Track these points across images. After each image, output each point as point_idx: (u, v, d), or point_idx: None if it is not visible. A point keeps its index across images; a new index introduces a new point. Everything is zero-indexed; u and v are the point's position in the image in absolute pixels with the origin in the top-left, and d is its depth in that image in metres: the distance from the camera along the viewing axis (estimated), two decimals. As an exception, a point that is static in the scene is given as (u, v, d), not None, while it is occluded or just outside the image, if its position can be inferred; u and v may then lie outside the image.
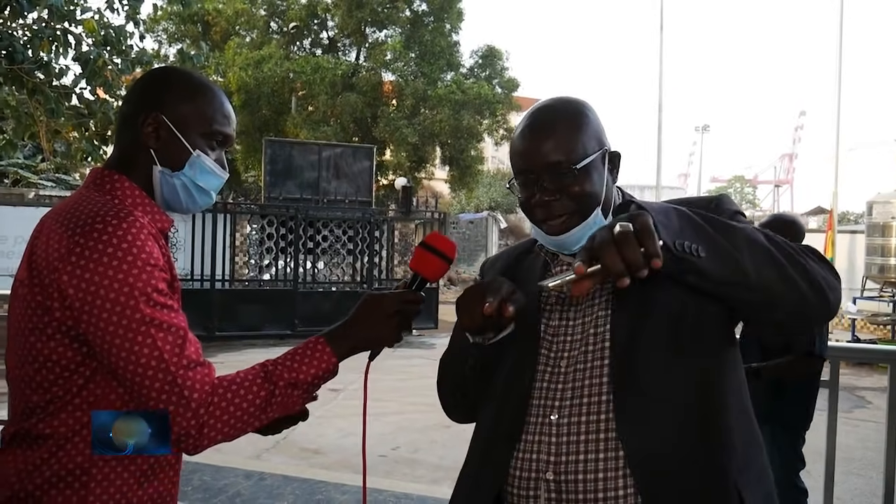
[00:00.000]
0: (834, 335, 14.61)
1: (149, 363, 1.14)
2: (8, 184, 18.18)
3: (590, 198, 1.30)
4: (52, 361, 1.19)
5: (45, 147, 8.21)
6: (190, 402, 1.14)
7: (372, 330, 1.34)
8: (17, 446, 1.22)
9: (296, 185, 14.73)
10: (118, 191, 1.29)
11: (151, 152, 1.32)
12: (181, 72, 1.46)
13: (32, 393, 1.21)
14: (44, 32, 5.43)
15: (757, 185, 60.47)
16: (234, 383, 1.21)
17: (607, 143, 1.35)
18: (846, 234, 16.69)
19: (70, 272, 1.15)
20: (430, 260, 1.38)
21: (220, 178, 1.39)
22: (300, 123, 21.48)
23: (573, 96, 1.39)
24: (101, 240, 1.15)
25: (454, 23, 23.50)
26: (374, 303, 1.35)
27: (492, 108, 22.68)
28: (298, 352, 1.29)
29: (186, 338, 1.19)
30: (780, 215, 3.82)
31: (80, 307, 1.15)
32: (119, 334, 1.14)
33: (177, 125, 1.32)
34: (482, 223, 31.49)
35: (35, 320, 1.20)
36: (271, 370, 1.25)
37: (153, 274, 1.18)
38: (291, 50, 23.66)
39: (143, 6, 6.27)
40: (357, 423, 6.61)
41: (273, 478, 4.56)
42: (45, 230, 1.23)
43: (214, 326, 12.05)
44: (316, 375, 1.28)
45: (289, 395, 1.26)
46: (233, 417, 1.19)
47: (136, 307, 1.14)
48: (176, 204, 1.37)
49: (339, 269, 14.60)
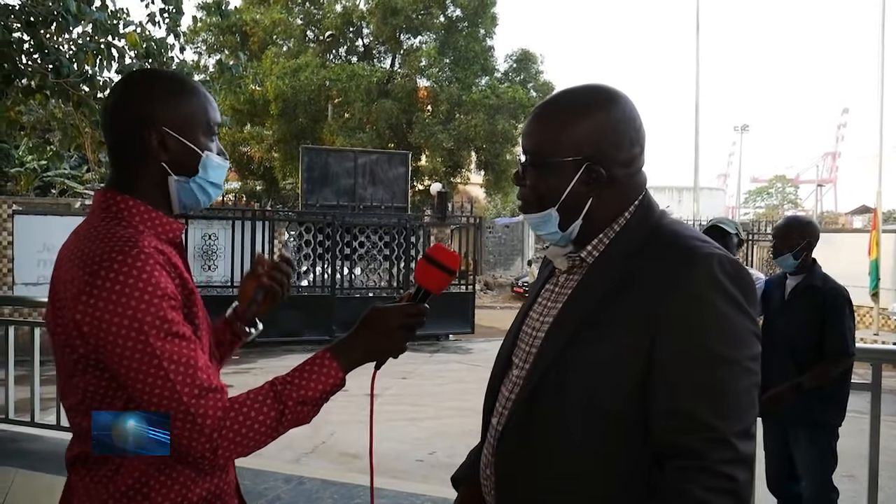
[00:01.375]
0: (879, 337, 14.26)
1: (162, 394, 1.19)
2: (55, 194, 18.68)
3: (542, 196, 1.29)
4: (90, 392, 1.25)
5: (91, 158, 8.40)
6: (204, 429, 1.19)
7: (377, 343, 1.36)
8: (83, 466, 1.30)
9: (332, 192, 14.85)
10: (124, 212, 1.31)
11: (163, 165, 1.34)
12: (160, 74, 1.45)
13: (81, 419, 1.27)
14: (88, 46, 5.58)
15: (799, 184, 59.25)
16: (245, 405, 1.24)
17: (595, 157, 1.25)
18: (891, 233, 16.24)
19: (82, 311, 1.19)
20: (432, 272, 1.39)
21: (224, 169, 1.42)
22: (336, 131, 21.68)
23: (602, 91, 1.29)
24: (109, 277, 1.18)
25: (488, 28, 23.51)
26: (379, 316, 1.37)
27: (526, 111, 22.58)
28: (306, 368, 1.31)
29: (197, 366, 1.22)
30: (796, 217, 3.77)
31: (95, 344, 1.20)
32: (133, 368, 1.18)
33: (181, 132, 1.33)
34: (518, 227, 31.40)
35: (66, 357, 1.26)
36: (280, 389, 1.28)
37: (161, 305, 1.20)
38: (327, 58, 23.91)
39: (183, 19, 6.41)
40: (394, 428, 6.67)
41: (312, 482, 4.60)
42: (63, 267, 1.27)
43: (254, 332, 12.19)
44: (324, 391, 1.30)
45: (299, 412, 1.28)
46: (245, 438, 1.23)
47: (146, 341, 1.18)
48: (193, 205, 1.41)
49: (375, 274, 14.69)
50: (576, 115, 1.26)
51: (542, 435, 1.22)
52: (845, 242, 16.52)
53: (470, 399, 9.13)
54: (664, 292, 1.15)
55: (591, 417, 1.17)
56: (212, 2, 7.65)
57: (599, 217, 1.28)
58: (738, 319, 1.14)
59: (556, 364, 1.22)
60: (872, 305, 15.04)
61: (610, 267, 1.24)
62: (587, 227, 1.29)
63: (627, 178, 1.28)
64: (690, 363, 1.13)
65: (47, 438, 5.01)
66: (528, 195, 1.32)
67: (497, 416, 1.34)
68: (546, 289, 1.38)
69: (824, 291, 3.46)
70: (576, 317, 1.23)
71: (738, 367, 1.13)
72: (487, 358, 10.73)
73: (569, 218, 1.28)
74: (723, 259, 1.17)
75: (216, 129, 1.40)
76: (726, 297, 1.14)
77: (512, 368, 1.36)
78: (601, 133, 1.25)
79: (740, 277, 1.17)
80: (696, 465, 1.09)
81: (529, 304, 1.42)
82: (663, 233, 1.25)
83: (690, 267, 1.16)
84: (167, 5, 6.16)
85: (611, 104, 1.27)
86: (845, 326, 3.37)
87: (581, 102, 1.28)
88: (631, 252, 1.23)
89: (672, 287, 1.15)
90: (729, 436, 1.09)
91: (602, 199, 1.27)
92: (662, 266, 1.18)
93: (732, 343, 1.13)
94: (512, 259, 30.61)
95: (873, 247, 14.68)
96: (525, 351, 1.33)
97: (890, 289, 15.28)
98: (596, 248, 1.29)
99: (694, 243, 1.21)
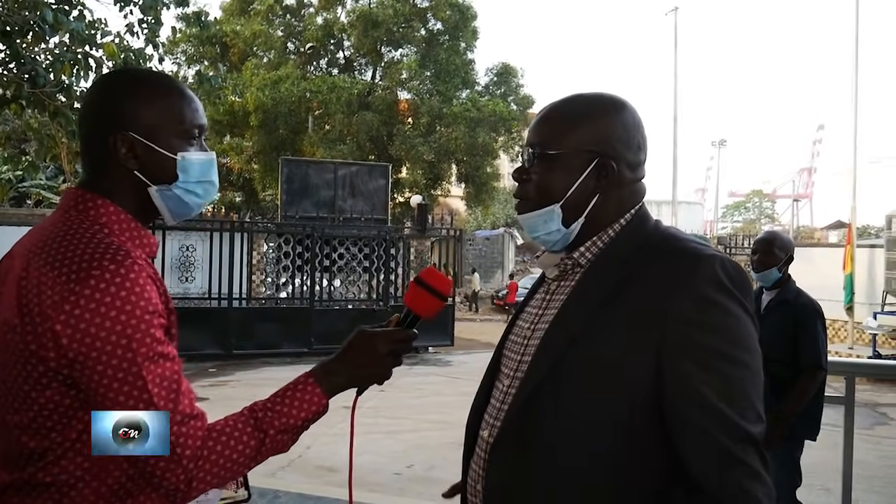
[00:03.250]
0: (854, 350, 14.44)
1: None
2: (30, 204, 18.47)
3: (546, 191, 1.27)
4: (48, 410, 1.13)
5: (67, 168, 8.32)
6: (181, 459, 1.11)
7: (362, 369, 1.29)
8: (16, 496, 1.15)
9: (312, 204, 14.82)
10: (103, 217, 1.20)
11: (136, 174, 1.23)
12: (133, 73, 1.35)
13: (30, 439, 1.14)
14: (65, 56, 5.53)
15: (776, 199, 60.02)
16: (224, 434, 1.16)
17: (607, 153, 1.25)
18: (866, 248, 16.50)
19: (64, 322, 1.08)
20: (424, 297, 1.33)
21: (211, 161, 1.31)
22: (317, 142, 21.67)
23: (616, 97, 1.31)
24: (99, 287, 1.08)
25: (469, 41, 23.67)
26: (366, 341, 1.30)
27: (507, 125, 22.76)
28: (287, 394, 1.23)
29: (180, 390, 1.14)
30: (775, 232, 3.85)
31: (74, 357, 1.09)
32: (113, 388, 1.09)
33: (150, 137, 1.22)
34: (498, 240, 31.50)
35: (29, 368, 1.12)
36: (261, 417, 1.20)
37: (151, 322, 1.12)
38: (308, 70, 23.92)
39: (162, 29, 6.37)
40: (372, 441, 6.62)
41: (288, 496, 4.56)
42: (33, 268, 1.13)
43: (231, 344, 12.11)
44: (306, 418, 1.23)
45: (279, 441, 1.21)
46: (223, 469, 1.15)
47: (133, 360, 1.09)
48: (186, 210, 1.31)
49: (355, 286, 14.65)
50: (589, 113, 1.27)
51: (538, 444, 1.19)
52: (820, 257, 16.74)
53: (449, 412, 9.10)
54: (669, 291, 1.14)
55: (593, 423, 1.15)
56: (191, 13, 7.61)
57: (600, 217, 1.27)
58: (744, 321, 1.14)
59: (554, 371, 1.19)
60: (847, 319, 15.21)
61: (606, 270, 1.23)
62: (586, 229, 1.27)
63: (632, 181, 1.29)
64: (703, 366, 1.11)
65: None
66: (529, 191, 1.30)
67: (488, 429, 1.30)
68: (536, 298, 1.37)
69: (797, 306, 3.51)
70: (573, 321, 1.21)
71: (747, 370, 1.12)
72: (467, 370, 10.82)
73: (571, 216, 1.26)
74: (725, 261, 1.17)
75: (196, 132, 1.28)
76: (733, 299, 1.14)
77: (502, 379, 1.34)
78: (613, 130, 1.26)
79: (742, 280, 1.17)
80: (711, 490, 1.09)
81: (517, 315, 1.41)
82: (661, 237, 1.25)
83: (694, 267, 1.15)
84: (146, 15, 6.12)
85: (622, 108, 1.29)
86: (818, 339, 3.42)
87: (594, 102, 1.30)
88: (626, 256, 1.22)
89: (677, 286, 1.14)
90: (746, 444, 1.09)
91: (606, 198, 1.26)
92: (664, 266, 1.17)
93: (742, 345, 1.13)
94: (492, 272, 30.66)
95: (848, 261, 14.87)
96: (515, 361, 1.30)
97: (864, 303, 15.48)
98: (589, 249, 1.27)
99: (694, 245, 1.21)
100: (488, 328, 21.29)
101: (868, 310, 15.15)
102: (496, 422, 1.28)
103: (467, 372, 12.31)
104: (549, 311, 1.28)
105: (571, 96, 1.33)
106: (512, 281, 25.34)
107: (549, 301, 1.31)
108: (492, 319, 24.18)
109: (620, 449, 1.14)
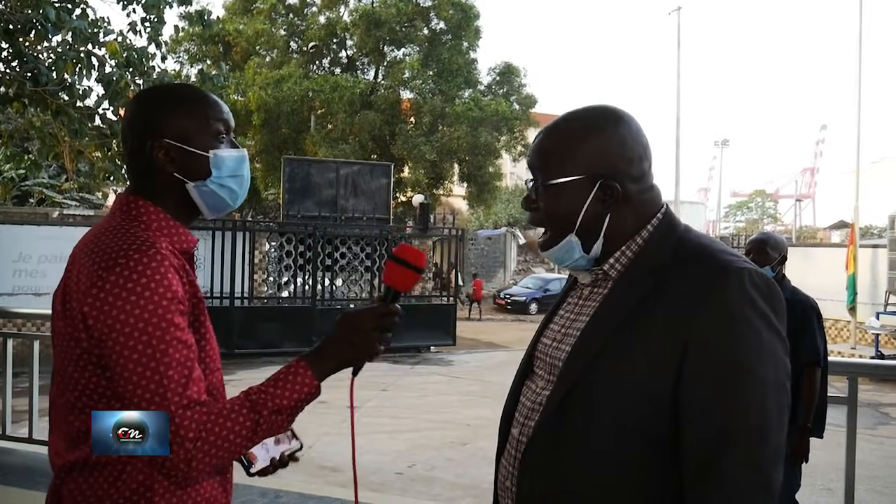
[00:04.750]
0: (857, 351, 14.42)
1: (151, 399, 1.18)
2: (33, 203, 18.48)
3: (557, 220, 1.28)
4: (89, 389, 1.25)
5: (69, 167, 8.33)
6: (184, 442, 1.18)
7: (351, 348, 1.36)
8: (79, 475, 1.27)
9: (314, 203, 14.82)
10: (144, 216, 1.33)
11: (176, 175, 1.36)
12: (162, 89, 1.51)
13: (75, 419, 1.27)
14: (67, 55, 5.53)
15: (778, 199, 59.97)
16: (221, 415, 1.23)
17: (608, 174, 1.24)
18: (868, 248, 16.45)
19: (91, 304, 1.19)
20: (400, 271, 1.39)
21: (242, 157, 1.43)
22: (319, 141, 21.67)
23: (609, 110, 1.30)
24: (123, 274, 1.19)
25: (472, 41, 23.66)
26: (351, 320, 1.36)
27: (509, 124, 22.76)
28: (280, 377, 1.31)
29: (191, 376, 1.22)
30: (768, 233, 3.86)
31: (100, 337, 1.20)
32: (129, 368, 1.18)
33: (183, 140, 1.36)
34: (500, 239, 31.48)
35: (69, 351, 1.25)
36: (255, 399, 1.27)
37: (169, 308, 1.21)
38: (311, 69, 23.92)
39: (164, 28, 6.37)
40: (373, 441, 6.62)
41: (289, 496, 4.55)
42: (76, 262, 1.28)
43: (233, 343, 12.11)
44: (298, 399, 1.30)
45: (273, 422, 1.28)
46: (220, 449, 1.22)
47: (149, 342, 1.18)
48: (222, 205, 1.43)
49: (356, 285, 14.65)
50: (584, 134, 1.26)
51: (569, 449, 1.20)
52: (823, 257, 16.73)
53: (450, 411, 9.11)
54: (697, 303, 1.14)
55: (621, 431, 1.16)
56: (194, 12, 7.60)
57: (619, 233, 1.27)
58: (769, 336, 1.13)
59: (585, 377, 1.20)
60: (850, 319, 15.20)
61: (636, 280, 1.23)
62: (608, 246, 1.28)
63: (640, 192, 1.28)
64: (723, 381, 1.11)
65: (19, 452, 4.92)
66: (542, 221, 1.31)
67: (518, 427, 1.31)
68: (568, 301, 1.38)
69: (793, 303, 3.52)
70: (604, 330, 1.22)
71: (769, 386, 1.12)
72: (469, 370, 10.83)
73: (589, 240, 1.27)
74: (753, 274, 1.16)
75: (224, 129, 1.41)
76: (758, 314, 1.13)
77: (535, 380, 1.35)
78: (611, 149, 1.25)
79: (770, 293, 1.16)
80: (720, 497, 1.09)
81: (550, 316, 1.42)
82: (690, 246, 1.24)
83: (723, 281, 1.14)
84: (148, 14, 6.13)
85: (616, 122, 1.27)
86: (816, 336, 3.44)
87: (587, 122, 1.28)
88: (657, 265, 1.22)
89: (704, 299, 1.13)
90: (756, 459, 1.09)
91: (619, 216, 1.26)
92: (693, 278, 1.17)
93: (765, 361, 1.12)
94: (494, 271, 30.66)
95: (851, 261, 14.86)
96: (548, 363, 1.32)
97: (867, 303, 15.45)
98: (619, 260, 1.27)
99: (725, 257, 1.19)
100: (490, 328, 21.30)
101: (871, 310, 15.12)
102: (528, 421, 1.30)
103: (469, 371, 12.32)
104: (581, 317, 1.30)
105: (564, 117, 1.32)
106: (476, 279, 25.34)
107: (581, 306, 1.33)
108: (493, 319, 24.18)
109: (643, 455, 1.16)
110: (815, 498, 5.30)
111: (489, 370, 12.02)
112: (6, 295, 11.43)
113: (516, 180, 38.41)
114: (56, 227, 11.99)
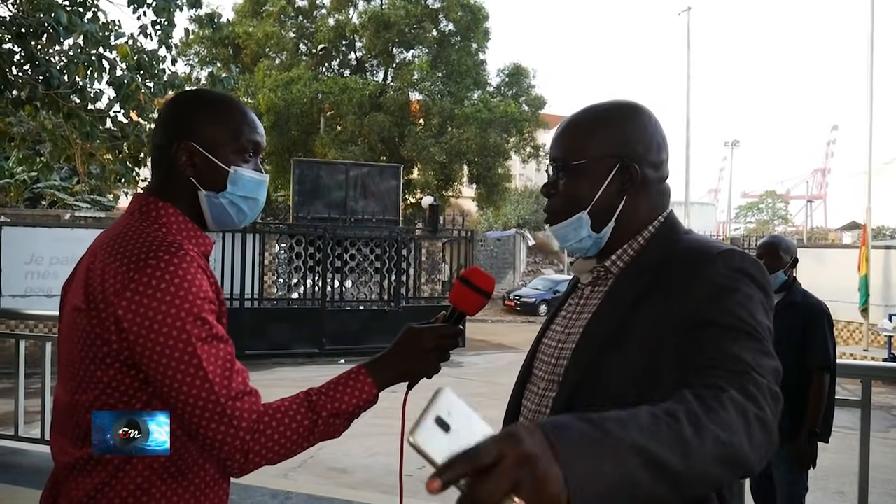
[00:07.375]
0: (869, 353, 14.31)
1: (199, 394, 1.19)
2: (45, 205, 18.59)
3: (573, 199, 1.29)
4: (111, 388, 1.24)
5: (81, 169, 8.38)
6: (238, 431, 1.20)
7: (412, 363, 1.39)
8: (80, 473, 1.27)
9: (324, 205, 14.84)
10: (163, 218, 1.34)
11: (192, 180, 1.36)
12: (202, 94, 1.50)
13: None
14: (79, 58, 5.57)
15: (789, 200, 59.66)
16: (280, 412, 1.25)
17: (628, 156, 1.27)
18: (881, 249, 16.32)
19: (125, 307, 1.19)
20: (469, 295, 1.41)
21: (262, 182, 1.43)
22: (328, 143, 21.70)
23: (630, 102, 1.34)
24: (155, 275, 1.20)
25: (481, 42, 23.64)
26: (415, 337, 1.40)
27: (518, 125, 22.73)
28: (341, 381, 1.34)
29: (233, 368, 1.24)
30: (778, 236, 3.82)
31: (135, 339, 1.20)
32: (171, 366, 1.19)
33: (208, 149, 1.36)
34: (510, 241, 31.45)
35: (95, 350, 1.24)
36: (315, 400, 1.30)
37: (203, 307, 1.22)
38: (320, 71, 23.96)
39: (175, 31, 6.41)
40: (384, 443, 6.63)
41: (299, 497, 4.56)
42: (98, 261, 1.27)
43: (244, 345, 12.14)
44: (357, 405, 1.34)
45: (331, 424, 1.31)
46: (277, 444, 1.24)
47: (188, 340, 1.19)
48: (228, 221, 1.42)
49: (366, 287, 14.66)
50: (606, 119, 1.30)
51: None
52: (835, 258, 16.60)
53: (460, 413, 9.03)
54: (687, 285, 1.15)
55: None
56: (204, 14, 7.64)
57: (631, 221, 1.29)
58: (759, 299, 1.13)
59: (589, 375, 1.21)
60: (862, 321, 15.08)
61: (636, 277, 1.25)
62: (617, 233, 1.29)
63: (657, 182, 1.31)
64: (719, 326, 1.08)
65: (32, 452, 4.95)
66: (556, 204, 1.33)
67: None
68: (570, 302, 1.40)
69: (803, 307, 3.52)
70: (606, 327, 1.23)
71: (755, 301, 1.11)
72: (478, 371, 10.85)
73: (601, 221, 1.29)
74: (744, 254, 1.19)
75: (252, 149, 1.41)
76: (749, 281, 1.14)
77: (536, 382, 1.35)
78: (633, 134, 1.29)
79: (760, 271, 1.18)
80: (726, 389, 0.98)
81: (552, 318, 1.43)
82: (687, 244, 1.26)
83: (713, 260, 1.16)
84: (159, 17, 6.16)
85: (638, 111, 1.32)
86: (827, 340, 3.43)
87: (610, 109, 1.32)
88: (656, 263, 1.24)
89: (694, 278, 1.15)
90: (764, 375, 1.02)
91: (635, 200, 1.29)
92: (685, 268, 1.19)
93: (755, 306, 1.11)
94: (503, 272, 30.62)
95: (863, 263, 14.74)
96: (550, 364, 1.32)
97: (879, 305, 15.32)
98: (620, 258, 1.30)
99: (717, 244, 1.23)
100: (500, 329, 21.27)
101: (883, 312, 14.99)
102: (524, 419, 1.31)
103: (478, 373, 12.31)
104: (582, 317, 1.31)
105: (587, 107, 1.36)
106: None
107: (582, 306, 1.34)
108: (503, 321, 24.15)
109: None
110: (827, 502, 5.25)
111: (498, 372, 12.01)
112: (18, 297, 11.52)
113: (525, 181, 38.34)
114: (68, 229, 12.07)
